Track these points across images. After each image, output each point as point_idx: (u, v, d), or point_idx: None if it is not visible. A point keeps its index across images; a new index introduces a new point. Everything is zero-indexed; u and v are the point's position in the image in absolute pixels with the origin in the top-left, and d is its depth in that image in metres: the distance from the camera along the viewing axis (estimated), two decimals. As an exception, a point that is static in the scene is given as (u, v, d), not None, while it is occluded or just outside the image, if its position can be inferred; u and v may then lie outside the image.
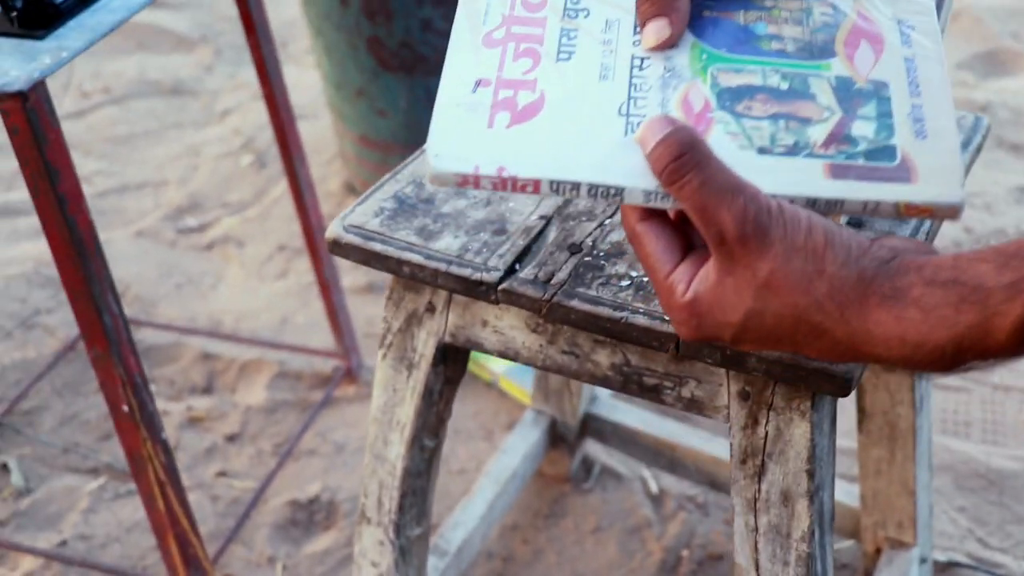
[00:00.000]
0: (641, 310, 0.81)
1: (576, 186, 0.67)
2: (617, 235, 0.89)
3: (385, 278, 1.94)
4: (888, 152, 0.67)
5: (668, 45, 0.73)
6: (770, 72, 0.71)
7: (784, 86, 0.71)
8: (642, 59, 0.73)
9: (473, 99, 0.71)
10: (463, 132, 0.70)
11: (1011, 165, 2.12)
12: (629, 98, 0.70)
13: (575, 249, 0.87)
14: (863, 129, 0.68)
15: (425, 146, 0.70)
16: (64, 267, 1.11)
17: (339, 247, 0.92)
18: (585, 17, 0.76)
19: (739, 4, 0.76)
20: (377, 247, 0.90)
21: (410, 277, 0.89)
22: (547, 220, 0.91)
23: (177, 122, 2.51)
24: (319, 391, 1.74)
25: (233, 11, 2.81)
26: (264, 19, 1.45)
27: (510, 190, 0.68)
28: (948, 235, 1.92)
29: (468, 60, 0.73)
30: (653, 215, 0.69)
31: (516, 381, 1.69)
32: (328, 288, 1.66)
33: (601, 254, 0.87)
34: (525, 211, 0.92)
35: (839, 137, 0.68)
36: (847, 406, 1.44)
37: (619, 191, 0.67)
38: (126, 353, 1.18)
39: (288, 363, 1.80)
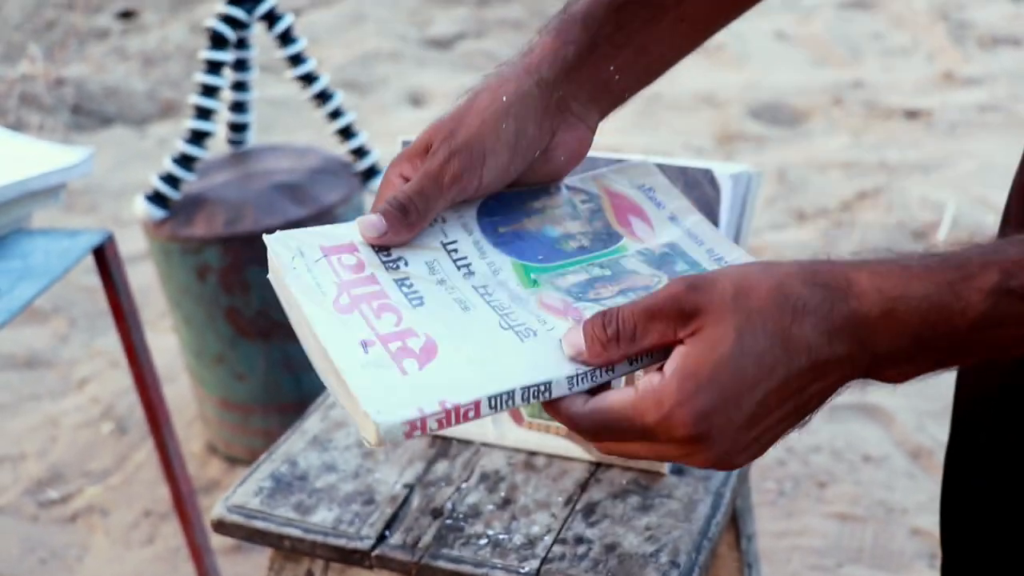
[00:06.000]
0: (499, 565, 0.93)
1: (511, 394, 0.69)
2: (473, 497, 1.01)
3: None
4: None
5: (382, 245, 0.76)
6: (589, 267, 0.79)
7: (608, 272, 0.79)
8: (484, 287, 0.77)
9: (371, 358, 0.70)
10: (385, 387, 0.68)
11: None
12: (500, 316, 0.74)
13: (437, 513, 0.99)
14: None
15: (358, 412, 0.68)
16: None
17: (223, 527, 1.02)
18: (405, 265, 0.77)
19: (520, 214, 0.83)
20: (259, 524, 1.00)
21: (291, 550, 0.99)
22: (410, 488, 1.03)
23: (33, 394, 2.55)
24: (192, 656, 1.77)
25: (87, 281, 2.90)
26: (129, 293, 1.54)
27: (454, 422, 0.67)
28: (773, 454, 2.11)
29: (336, 329, 0.72)
30: (586, 403, 0.69)
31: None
32: (200, 552, 1.72)
33: (461, 516, 0.99)
34: (390, 480, 1.04)
35: None
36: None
37: (547, 385, 0.69)
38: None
39: (160, 630, 1.83)
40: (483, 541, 0.96)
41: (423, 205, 0.76)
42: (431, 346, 0.71)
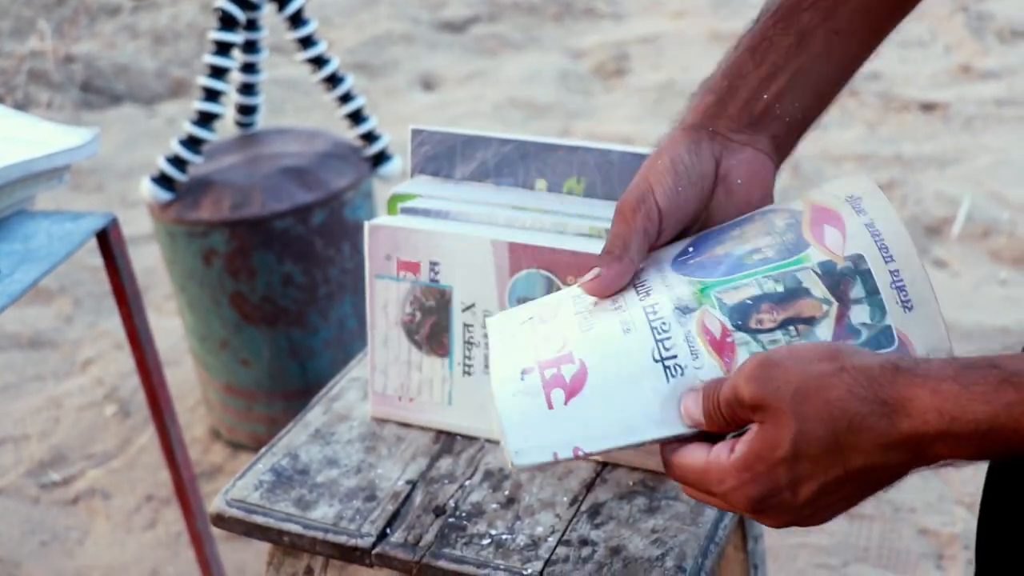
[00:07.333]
0: (502, 566, 0.91)
1: (639, 444, 0.75)
2: (477, 495, 0.99)
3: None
4: (887, 334, 0.74)
5: (603, 293, 0.80)
6: (763, 280, 0.77)
7: (780, 288, 0.76)
8: (653, 305, 0.78)
9: (525, 385, 0.76)
10: (530, 420, 0.75)
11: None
12: (656, 342, 0.76)
13: (440, 511, 0.97)
14: (860, 316, 0.75)
15: (503, 442, 0.76)
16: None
17: (223, 521, 1.00)
18: (594, 305, 0.82)
19: (714, 243, 0.82)
20: (259, 519, 0.99)
21: (290, 546, 0.98)
22: (413, 484, 1.01)
23: (37, 375, 2.54)
24: (191, 643, 1.76)
25: (92, 261, 2.88)
26: (132, 277, 1.50)
27: (584, 461, 0.75)
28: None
29: (507, 356, 0.80)
30: (672, 453, 0.76)
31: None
32: (200, 540, 1.70)
33: (463, 514, 0.97)
34: (392, 476, 1.02)
35: (843, 332, 0.74)
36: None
37: (670, 438, 0.76)
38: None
39: (159, 616, 1.81)
40: (486, 541, 0.94)
41: (619, 240, 0.81)
42: (581, 376, 0.76)
